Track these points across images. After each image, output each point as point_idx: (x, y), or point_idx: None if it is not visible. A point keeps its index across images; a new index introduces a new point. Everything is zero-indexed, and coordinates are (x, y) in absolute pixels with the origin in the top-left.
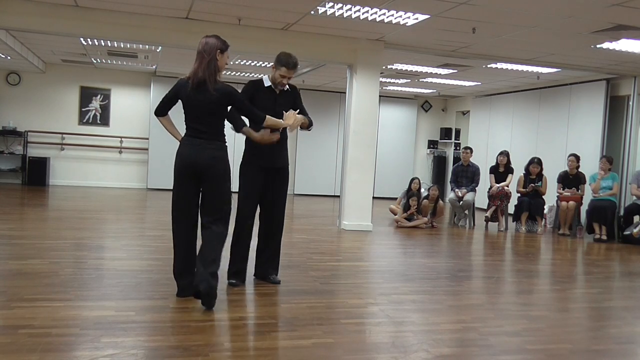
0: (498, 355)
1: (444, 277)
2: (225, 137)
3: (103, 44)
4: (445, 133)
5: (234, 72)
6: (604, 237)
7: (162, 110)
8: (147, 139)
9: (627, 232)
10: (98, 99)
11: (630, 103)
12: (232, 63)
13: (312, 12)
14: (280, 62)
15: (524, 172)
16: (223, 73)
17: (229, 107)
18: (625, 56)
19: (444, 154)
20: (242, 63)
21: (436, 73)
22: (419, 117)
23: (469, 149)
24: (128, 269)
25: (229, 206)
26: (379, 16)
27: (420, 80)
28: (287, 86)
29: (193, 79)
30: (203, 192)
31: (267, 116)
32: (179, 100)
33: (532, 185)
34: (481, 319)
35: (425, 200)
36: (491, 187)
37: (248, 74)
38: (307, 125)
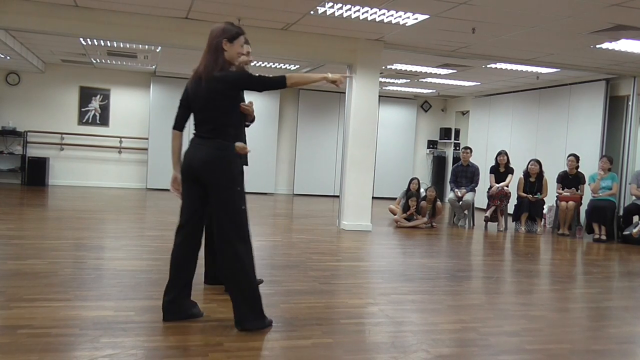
0: (498, 355)
1: (444, 277)
2: (231, 136)
3: (103, 44)
4: (445, 133)
5: None
6: (604, 237)
7: (178, 122)
8: (147, 139)
9: (626, 232)
10: (97, 99)
11: (630, 103)
12: None
13: (312, 12)
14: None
15: (522, 174)
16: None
17: (239, 93)
18: (625, 56)
19: (443, 154)
20: None
21: (436, 73)
22: (419, 117)
23: (468, 149)
24: (127, 269)
25: (237, 220)
26: (379, 16)
27: (420, 80)
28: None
29: (195, 72)
30: (210, 204)
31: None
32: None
33: (535, 197)
34: (481, 319)
35: (423, 202)
36: (491, 187)
37: None
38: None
